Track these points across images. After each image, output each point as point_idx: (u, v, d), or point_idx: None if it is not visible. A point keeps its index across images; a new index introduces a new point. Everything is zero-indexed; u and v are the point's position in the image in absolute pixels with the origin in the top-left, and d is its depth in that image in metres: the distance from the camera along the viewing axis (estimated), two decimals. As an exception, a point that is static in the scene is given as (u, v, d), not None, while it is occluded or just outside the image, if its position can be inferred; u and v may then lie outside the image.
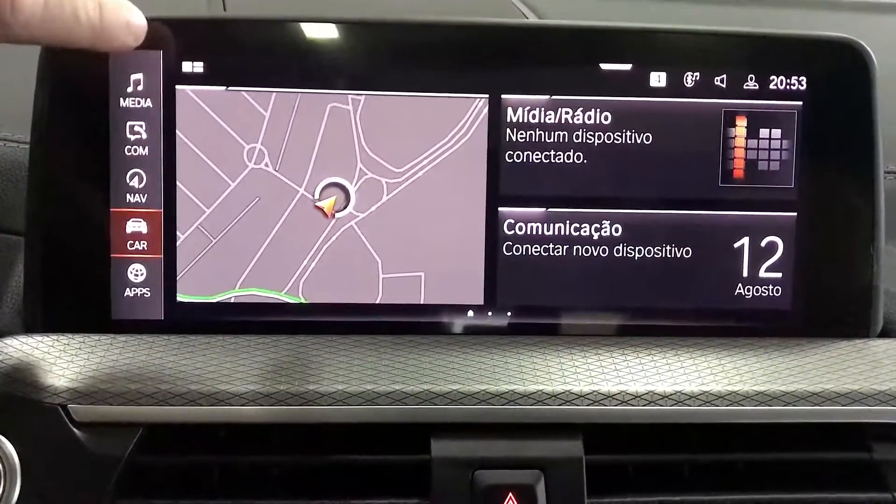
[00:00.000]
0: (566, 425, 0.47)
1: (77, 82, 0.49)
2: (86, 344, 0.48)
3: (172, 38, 0.49)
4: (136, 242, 0.50)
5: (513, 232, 0.51)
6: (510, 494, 0.46)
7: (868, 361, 0.50)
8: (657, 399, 0.47)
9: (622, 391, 0.47)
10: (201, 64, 0.50)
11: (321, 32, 0.50)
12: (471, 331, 0.51)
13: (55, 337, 0.49)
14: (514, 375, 0.48)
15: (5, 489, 0.44)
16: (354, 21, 0.50)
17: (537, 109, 0.51)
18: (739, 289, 0.52)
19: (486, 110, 0.51)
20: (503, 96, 0.51)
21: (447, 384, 0.47)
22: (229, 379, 0.47)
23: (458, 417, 0.46)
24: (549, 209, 0.51)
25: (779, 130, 0.52)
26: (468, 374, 0.48)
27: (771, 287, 0.52)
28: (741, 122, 0.51)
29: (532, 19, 0.70)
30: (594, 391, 0.47)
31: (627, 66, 0.51)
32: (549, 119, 0.51)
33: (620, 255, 0.52)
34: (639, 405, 0.47)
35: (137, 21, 0.45)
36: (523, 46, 0.51)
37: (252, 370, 0.47)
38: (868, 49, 0.51)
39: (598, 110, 0.51)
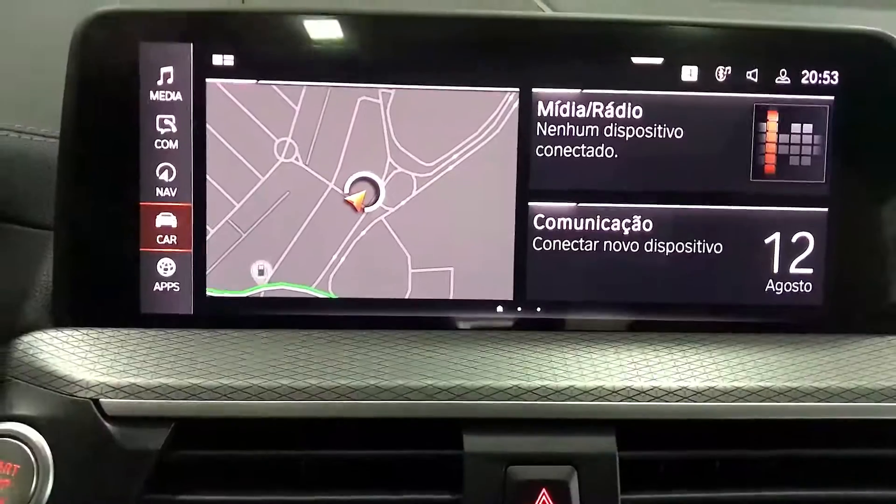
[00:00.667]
0: (599, 421, 0.47)
1: (106, 75, 0.49)
2: (115, 338, 0.48)
3: (202, 30, 0.49)
4: (166, 236, 0.50)
5: (543, 227, 0.51)
6: (544, 490, 0.45)
7: (902, 358, 0.50)
8: (690, 395, 0.47)
9: (655, 387, 0.47)
10: (231, 57, 0.50)
11: (351, 26, 0.50)
12: (501, 326, 0.51)
13: (85, 331, 0.48)
14: (545, 371, 0.48)
15: (39, 482, 0.44)
16: (384, 14, 0.50)
17: (568, 103, 0.50)
18: (770, 284, 0.52)
19: (516, 104, 0.50)
20: (534, 90, 0.50)
21: (479, 379, 0.47)
22: (261, 373, 0.46)
23: (491, 413, 0.46)
24: (580, 204, 0.51)
25: (811, 125, 0.51)
26: (499, 370, 0.47)
27: (802, 283, 0.52)
28: (773, 117, 0.51)
29: (548, 12, 0.70)
30: (627, 387, 0.47)
31: (659, 60, 0.50)
32: (580, 113, 0.51)
33: (651, 250, 0.51)
34: (672, 401, 0.47)
35: None
36: (554, 40, 0.50)
37: (283, 365, 0.47)
38: (901, 43, 0.51)
39: (630, 104, 0.51)
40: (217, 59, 0.49)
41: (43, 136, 0.56)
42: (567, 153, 0.51)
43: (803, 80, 0.51)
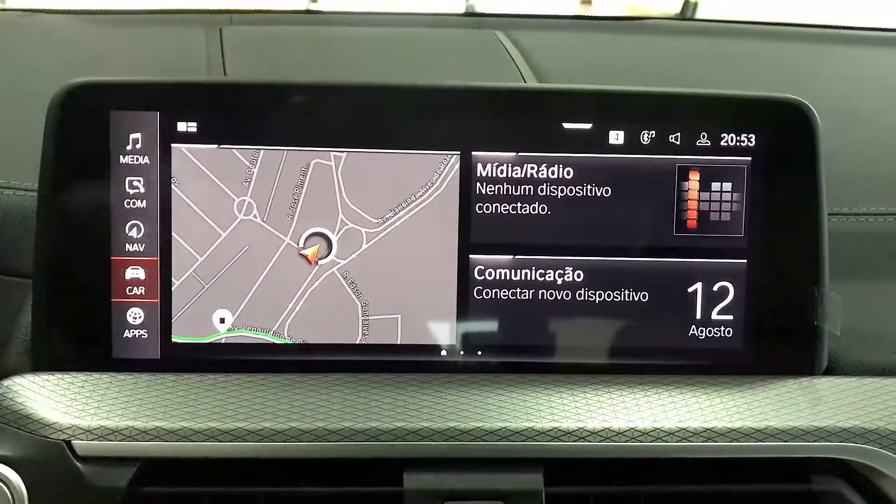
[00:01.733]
0: (528, 460, 0.51)
1: (80, 140, 0.53)
2: (88, 382, 0.53)
3: (168, 100, 0.54)
4: (135, 288, 0.54)
5: (483, 277, 0.55)
6: (475, 524, 0.50)
7: (810, 399, 0.54)
8: (612, 435, 0.51)
9: (580, 428, 0.51)
10: (195, 124, 0.54)
11: (306, 95, 0.54)
12: (443, 369, 0.55)
13: (60, 375, 0.53)
14: (481, 413, 0.52)
15: (14, 519, 0.49)
16: (336, 84, 0.55)
17: (505, 165, 0.55)
18: (693, 330, 0.56)
19: (457, 166, 0.55)
20: (473, 153, 0.55)
21: (419, 421, 0.51)
22: (219, 416, 0.51)
23: (429, 452, 0.51)
24: (516, 256, 0.55)
25: (729, 184, 0.56)
26: (439, 412, 0.52)
27: (723, 328, 0.56)
28: (694, 177, 0.55)
29: (529, 77, 0.73)
30: (554, 428, 0.51)
31: (588, 126, 0.55)
32: (516, 174, 0.55)
33: (582, 298, 0.56)
34: (595, 441, 0.51)
35: None
36: (492, 108, 0.55)
37: (240, 408, 0.51)
38: (811, 108, 0.55)
39: (561, 166, 0.55)
40: (181, 126, 0.54)
41: (25, 190, 0.60)
42: (504, 210, 0.55)
43: (722, 143, 0.55)
